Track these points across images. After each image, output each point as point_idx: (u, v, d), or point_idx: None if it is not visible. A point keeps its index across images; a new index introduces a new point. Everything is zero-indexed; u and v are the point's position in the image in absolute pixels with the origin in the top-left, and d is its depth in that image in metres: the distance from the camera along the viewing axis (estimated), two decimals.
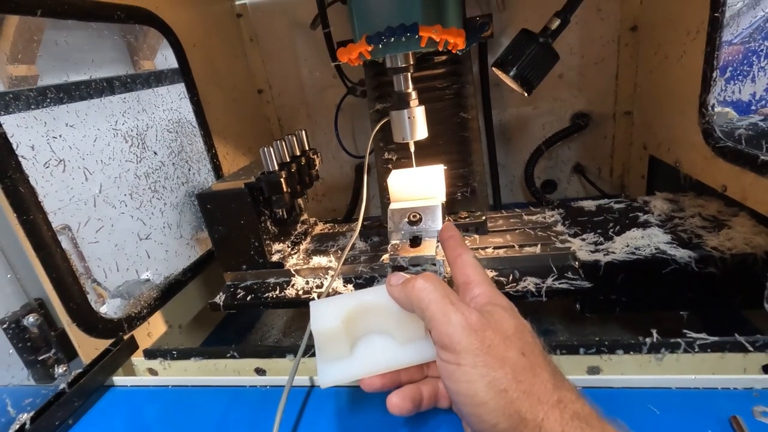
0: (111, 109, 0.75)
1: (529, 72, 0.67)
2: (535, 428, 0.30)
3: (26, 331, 0.46)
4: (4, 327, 0.45)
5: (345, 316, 0.39)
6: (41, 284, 0.49)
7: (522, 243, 0.73)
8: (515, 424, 0.30)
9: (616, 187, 1.17)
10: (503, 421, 0.30)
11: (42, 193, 0.57)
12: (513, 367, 0.32)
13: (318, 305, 0.41)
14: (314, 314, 0.40)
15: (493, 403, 0.31)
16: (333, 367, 0.39)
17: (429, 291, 0.35)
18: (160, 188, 0.83)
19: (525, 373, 0.32)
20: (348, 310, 0.40)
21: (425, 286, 0.36)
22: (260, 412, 0.44)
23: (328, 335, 0.39)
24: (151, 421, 0.46)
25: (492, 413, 0.31)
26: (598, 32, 1.04)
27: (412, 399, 0.38)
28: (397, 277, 0.39)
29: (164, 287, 0.78)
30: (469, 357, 0.32)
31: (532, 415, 0.30)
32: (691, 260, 0.60)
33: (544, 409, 0.30)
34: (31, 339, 0.47)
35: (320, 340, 0.39)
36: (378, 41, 0.62)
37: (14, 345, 0.46)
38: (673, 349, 0.41)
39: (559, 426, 0.29)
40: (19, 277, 0.48)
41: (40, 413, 0.43)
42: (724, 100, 0.71)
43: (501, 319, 0.35)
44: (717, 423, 0.34)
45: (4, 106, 0.60)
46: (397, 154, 0.98)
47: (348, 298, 0.41)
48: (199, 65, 0.95)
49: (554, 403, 0.30)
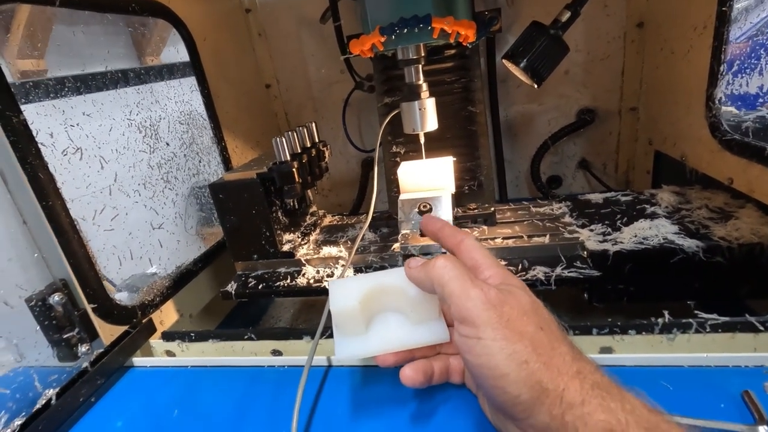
0: (126, 100, 0.76)
1: (540, 64, 0.68)
2: (556, 398, 0.30)
3: (51, 310, 0.47)
4: (31, 305, 0.46)
5: (362, 297, 0.40)
6: (65, 265, 0.50)
7: (530, 233, 0.73)
8: (537, 395, 0.31)
9: (621, 182, 1.18)
10: (525, 392, 0.31)
11: (60, 180, 0.58)
12: (531, 340, 0.33)
13: (337, 285, 0.42)
14: (333, 294, 0.41)
15: (514, 374, 0.31)
16: (349, 343, 0.41)
17: (449, 269, 0.36)
18: (172, 179, 0.84)
19: (543, 347, 0.32)
20: (365, 290, 0.41)
21: (445, 264, 0.37)
22: (280, 390, 0.45)
23: (345, 314, 0.40)
24: (173, 399, 0.47)
25: (514, 384, 0.31)
26: (604, 28, 1.05)
27: (424, 372, 0.40)
28: (416, 261, 0.40)
29: (176, 276, 0.79)
30: (488, 330, 0.33)
31: (554, 385, 0.31)
32: (698, 250, 0.61)
33: (564, 380, 0.31)
34: (56, 317, 0.48)
35: (338, 318, 0.41)
36: (391, 32, 0.63)
37: (40, 322, 0.47)
38: (685, 329, 0.42)
39: (579, 395, 0.30)
40: (45, 256, 0.49)
41: (65, 389, 0.44)
42: (731, 94, 0.72)
43: (518, 296, 0.36)
44: (729, 398, 0.35)
45: (24, 94, 0.61)
46: (405, 147, 0.98)
47: (366, 279, 0.42)
48: (209, 59, 0.96)
49: (574, 374, 0.31)
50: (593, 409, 0.29)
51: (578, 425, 0.29)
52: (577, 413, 0.29)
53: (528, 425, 0.32)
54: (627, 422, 0.28)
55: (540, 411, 0.31)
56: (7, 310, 0.45)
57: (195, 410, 0.45)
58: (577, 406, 0.30)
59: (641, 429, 0.28)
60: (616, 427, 0.28)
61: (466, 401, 0.40)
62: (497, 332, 0.33)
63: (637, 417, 0.28)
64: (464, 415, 0.39)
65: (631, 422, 0.28)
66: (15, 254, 0.47)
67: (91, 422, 0.46)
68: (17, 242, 0.47)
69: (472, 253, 0.41)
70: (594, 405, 0.29)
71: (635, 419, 0.28)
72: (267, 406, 0.44)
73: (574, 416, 0.29)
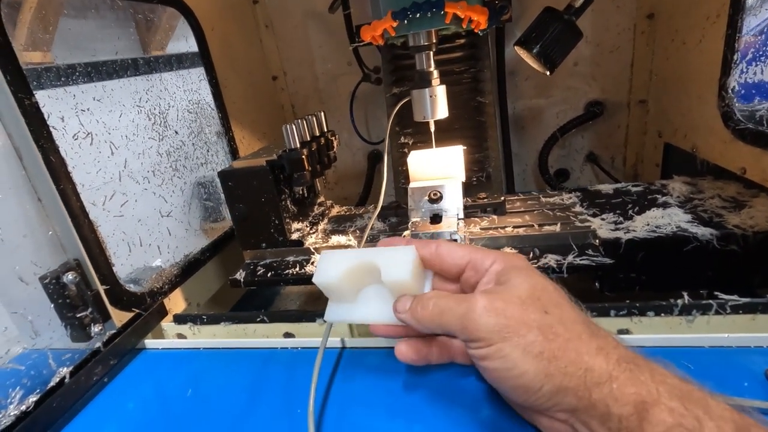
0: (135, 86, 0.76)
1: (552, 50, 0.67)
2: (579, 380, 0.29)
3: (65, 288, 0.47)
4: (45, 282, 0.46)
5: (346, 271, 0.41)
6: (78, 244, 0.50)
7: (541, 222, 0.73)
8: (559, 382, 0.30)
9: (629, 176, 1.17)
10: (547, 383, 0.30)
11: (71, 165, 0.58)
12: (540, 328, 0.31)
13: (325, 257, 0.44)
14: (319, 266, 0.43)
15: (533, 368, 0.30)
16: (338, 308, 0.44)
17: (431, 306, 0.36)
18: (180, 167, 0.84)
19: (553, 331, 0.31)
20: (352, 265, 0.42)
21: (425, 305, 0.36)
22: (293, 372, 0.45)
23: (327, 286, 0.42)
24: (186, 380, 0.47)
25: (535, 379, 0.30)
26: (613, 20, 1.04)
27: (417, 351, 0.40)
28: (402, 303, 0.39)
29: (184, 265, 0.79)
30: (494, 335, 0.32)
31: (574, 368, 0.30)
32: (713, 238, 0.61)
33: (585, 360, 0.30)
34: (69, 296, 0.48)
35: (323, 288, 0.43)
36: (404, 17, 0.63)
37: (54, 300, 0.47)
38: (705, 310, 0.42)
39: (605, 372, 0.29)
40: (59, 235, 0.49)
41: (78, 368, 0.44)
42: (745, 82, 0.72)
43: (513, 286, 0.34)
44: (753, 376, 0.35)
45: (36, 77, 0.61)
46: (414, 138, 0.98)
47: (354, 254, 0.43)
48: (217, 49, 0.96)
49: (595, 351, 0.30)
50: (622, 383, 0.28)
51: (608, 402, 0.28)
52: (605, 391, 0.29)
53: (555, 411, 0.31)
54: (659, 392, 0.27)
55: (565, 396, 0.30)
56: (22, 286, 0.45)
57: (208, 391, 0.45)
58: (604, 384, 0.29)
59: (674, 398, 0.27)
60: (648, 398, 0.27)
61: (481, 383, 0.40)
62: (503, 332, 0.32)
63: (669, 386, 0.28)
64: (480, 398, 0.39)
65: (662, 392, 0.27)
66: (29, 231, 0.47)
67: (104, 402, 0.45)
68: (31, 220, 0.47)
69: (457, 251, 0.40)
70: (622, 380, 0.28)
71: (667, 389, 0.27)
72: (280, 387, 0.44)
73: (603, 394, 0.28)
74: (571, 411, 0.30)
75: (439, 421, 0.37)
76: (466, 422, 0.37)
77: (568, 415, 0.31)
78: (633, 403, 0.27)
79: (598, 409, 0.29)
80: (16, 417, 0.40)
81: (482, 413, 0.37)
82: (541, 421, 0.34)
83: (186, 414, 0.42)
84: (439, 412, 0.38)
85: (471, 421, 0.37)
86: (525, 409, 0.35)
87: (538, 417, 0.34)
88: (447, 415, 0.38)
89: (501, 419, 0.36)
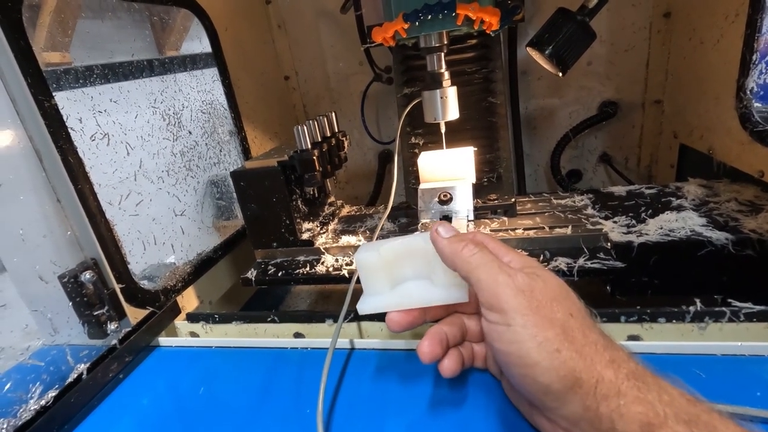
0: (150, 87, 0.78)
1: (565, 51, 0.67)
2: (590, 388, 0.29)
3: (83, 287, 0.49)
4: (64, 281, 0.47)
5: (386, 253, 0.41)
6: (95, 244, 0.51)
7: (552, 225, 0.72)
8: (570, 384, 0.30)
9: (643, 177, 1.16)
10: (557, 382, 0.30)
11: (89, 165, 0.59)
12: (563, 327, 0.31)
13: (365, 245, 0.44)
14: (360, 250, 0.43)
15: (546, 363, 0.30)
16: (372, 300, 0.42)
17: (477, 256, 0.35)
18: (194, 167, 0.85)
19: (575, 334, 0.31)
20: (391, 251, 0.42)
21: (473, 251, 0.36)
22: (303, 371, 0.46)
23: (368, 267, 0.42)
24: (198, 378, 0.48)
25: (545, 374, 0.30)
26: (629, 19, 1.03)
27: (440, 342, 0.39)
28: (446, 229, 0.38)
29: (197, 263, 0.80)
30: (518, 317, 0.32)
31: (587, 375, 0.29)
32: (728, 242, 0.60)
33: (598, 369, 0.30)
34: (86, 295, 0.49)
35: (362, 272, 0.42)
36: (415, 19, 0.63)
37: (72, 299, 0.48)
38: (718, 317, 0.41)
39: (614, 386, 0.29)
40: (77, 235, 0.50)
41: (95, 365, 0.46)
42: (764, 83, 0.70)
43: (545, 282, 0.34)
44: (765, 386, 0.34)
45: (56, 80, 0.63)
46: (424, 138, 0.98)
47: (392, 242, 0.43)
48: (230, 49, 0.97)
49: (607, 362, 0.30)
50: (629, 400, 0.28)
51: (614, 417, 0.28)
52: (612, 405, 0.28)
53: (559, 416, 0.31)
54: (665, 415, 0.27)
55: (572, 401, 0.30)
56: (42, 285, 0.47)
57: (219, 389, 0.46)
58: (612, 398, 0.28)
59: (680, 422, 0.26)
60: (654, 420, 0.27)
61: (489, 386, 0.40)
62: (527, 319, 0.32)
63: (676, 409, 0.27)
64: (488, 400, 0.39)
65: (669, 414, 0.27)
66: (48, 231, 0.48)
67: (120, 398, 0.47)
68: (51, 220, 0.49)
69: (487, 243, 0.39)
70: (630, 397, 0.28)
71: (674, 411, 0.27)
72: (290, 386, 0.44)
73: (610, 408, 0.28)
74: (574, 421, 0.30)
75: (447, 425, 0.38)
76: (475, 426, 0.37)
77: (570, 424, 0.31)
78: (639, 423, 0.27)
79: (603, 424, 0.28)
80: (36, 411, 0.41)
81: (491, 418, 0.37)
82: (543, 424, 0.34)
83: (198, 411, 0.43)
84: (448, 416, 0.38)
85: (480, 425, 0.37)
86: (530, 408, 0.35)
87: (542, 419, 0.34)
88: (455, 419, 0.38)
89: (510, 425, 0.37)
